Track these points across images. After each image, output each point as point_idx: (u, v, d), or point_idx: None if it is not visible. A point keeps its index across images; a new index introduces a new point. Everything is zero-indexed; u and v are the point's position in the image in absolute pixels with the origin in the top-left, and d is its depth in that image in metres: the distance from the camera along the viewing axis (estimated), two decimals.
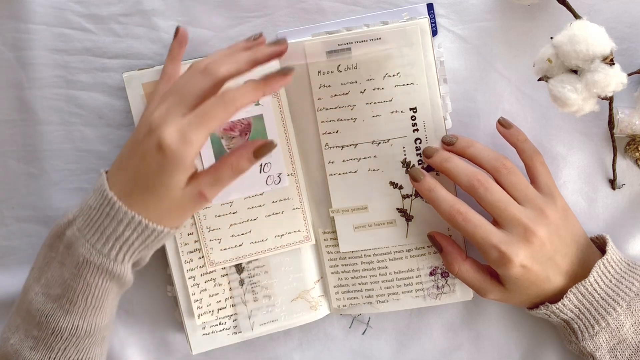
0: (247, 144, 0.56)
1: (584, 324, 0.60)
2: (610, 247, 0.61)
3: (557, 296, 0.61)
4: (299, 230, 0.67)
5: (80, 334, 0.57)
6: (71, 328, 0.57)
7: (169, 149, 0.52)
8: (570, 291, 0.59)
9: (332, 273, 0.68)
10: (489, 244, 0.58)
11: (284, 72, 0.55)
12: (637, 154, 0.64)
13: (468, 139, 0.62)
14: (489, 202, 0.59)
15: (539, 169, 0.61)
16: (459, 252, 0.63)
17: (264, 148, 0.56)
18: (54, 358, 0.57)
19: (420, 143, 0.64)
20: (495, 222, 0.60)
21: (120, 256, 0.57)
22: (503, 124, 0.62)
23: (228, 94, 0.53)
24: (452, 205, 0.60)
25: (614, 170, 0.65)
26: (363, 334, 0.70)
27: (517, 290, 0.60)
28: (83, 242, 0.56)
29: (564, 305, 0.60)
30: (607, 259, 0.60)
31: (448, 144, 0.63)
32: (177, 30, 0.61)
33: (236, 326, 0.68)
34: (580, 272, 0.60)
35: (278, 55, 0.56)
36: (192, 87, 0.53)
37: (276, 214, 0.67)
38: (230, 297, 0.67)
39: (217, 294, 0.67)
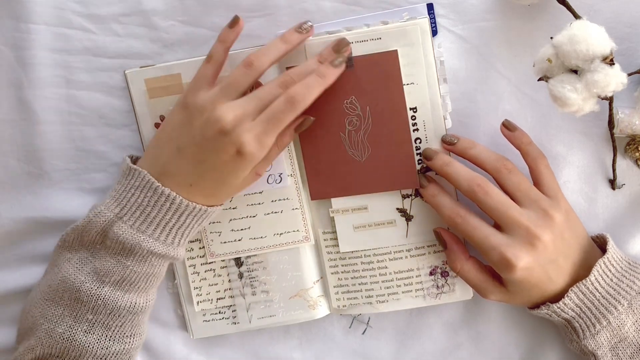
0: (290, 123, 0.59)
1: (585, 323, 0.61)
2: (611, 246, 0.61)
3: (558, 296, 0.61)
4: (297, 230, 0.67)
5: (137, 310, 0.61)
6: (129, 306, 0.61)
7: (250, 154, 0.57)
8: (571, 290, 0.59)
9: (332, 273, 0.68)
10: (489, 246, 0.58)
11: (339, 63, 0.60)
12: (637, 154, 0.64)
13: (469, 140, 0.62)
14: (490, 206, 0.59)
15: (544, 171, 0.61)
16: (463, 250, 0.63)
17: (304, 123, 0.62)
18: (111, 335, 0.61)
19: (420, 143, 0.64)
20: (498, 227, 0.60)
21: (183, 240, 0.62)
22: (507, 127, 0.62)
23: (294, 95, 0.57)
24: (453, 209, 0.60)
25: (614, 170, 0.65)
26: (363, 333, 0.70)
27: (519, 291, 0.60)
28: (145, 238, 0.60)
29: (565, 304, 0.60)
30: (607, 258, 0.60)
31: (449, 143, 0.63)
32: (236, 19, 0.62)
33: (235, 317, 0.69)
34: (582, 272, 0.61)
35: (306, 39, 0.63)
36: (240, 79, 0.59)
37: (275, 212, 0.67)
38: (229, 289, 0.68)
39: (216, 284, 0.68)
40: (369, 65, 0.62)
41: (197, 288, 0.68)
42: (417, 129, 0.64)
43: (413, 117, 0.63)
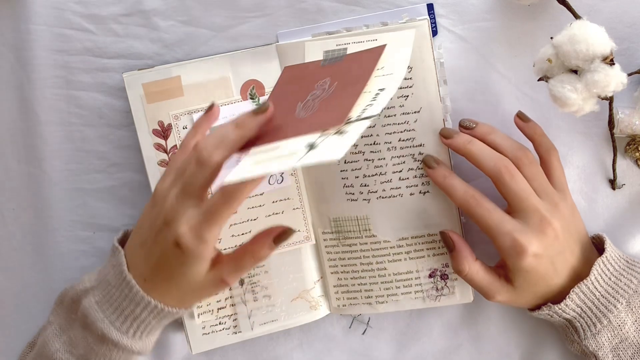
0: (266, 232, 0.57)
1: (586, 323, 0.60)
2: (609, 245, 0.61)
3: (558, 296, 0.61)
4: (299, 230, 0.67)
5: None
6: None
7: (186, 248, 0.53)
8: (572, 291, 0.59)
9: (331, 273, 0.68)
10: (503, 231, 0.58)
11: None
12: (637, 154, 0.64)
13: (489, 125, 0.62)
14: (513, 189, 0.58)
15: (555, 164, 0.61)
16: (471, 252, 0.62)
17: (284, 235, 0.57)
18: None
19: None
20: (509, 212, 0.59)
21: (138, 334, 0.58)
22: (521, 118, 0.62)
23: (228, 191, 0.52)
24: (467, 190, 0.60)
25: (614, 170, 0.65)
26: (363, 334, 0.70)
27: (526, 287, 0.60)
28: (102, 318, 0.57)
29: (566, 305, 0.60)
30: (606, 257, 0.60)
31: (467, 127, 0.62)
32: (211, 106, 0.60)
33: (236, 326, 0.68)
34: (582, 271, 0.60)
35: (266, 121, 0.55)
36: (192, 178, 0.53)
37: (276, 214, 0.67)
38: (230, 297, 0.67)
39: (217, 294, 0.67)
40: (356, 58, 0.61)
41: None
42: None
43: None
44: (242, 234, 0.66)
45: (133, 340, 0.58)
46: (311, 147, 0.54)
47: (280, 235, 0.57)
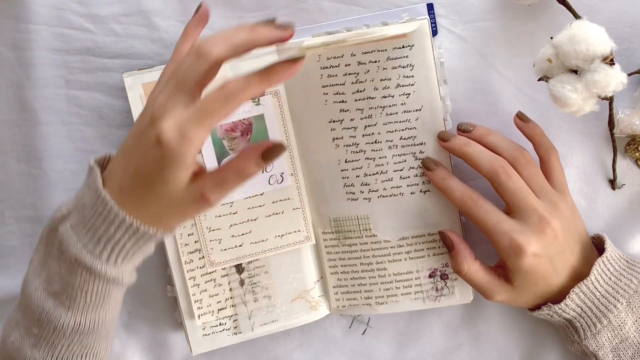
0: (255, 146, 0.50)
1: (587, 322, 0.60)
2: (609, 245, 0.61)
3: (558, 296, 0.61)
4: (299, 231, 0.67)
5: (83, 330, 0.55)
6: (73, 325, 0.54)
7: (167, 144, 0.48)
8: (572, 291, 0.59)
9: (331, 273, 0.68)
10: (501, 231, 0.58)
11: (291, 61, 0.48)
12: (637, 154, 0.64)
13: (486, 127, 0.62)
14: (510, 189, 0.59)
15: (555, 164, 0.61)
16: (470, 252, 0.62)
17: (274, 150, 0.50)
18: (57, 355, 0.55)
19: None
20: (508, 212, 0.60)
21: (113, 258, 0.53)
22: (521, 118, 0.62)
23: (228, 87, 0.47)
24: (465, 192, 0.60)
25: (614, 170, 0.65)
26: (363, 334, 0.70)
27: (525, 287, 0.60)
28: (75, 242, 0.52)
29: (566, 305, 0.60)
30: (606, 257, 0.60)
31: (465, 131, 0.62)
32: (199, 6, 0.56)
33: (236, 327, 0.68)
34: (582, 271, 0.60)
35: (281, 40, 0.50)
36: (188, 71, 0.48)
37: (276, 214, 0.67)
38: (231, 298, 0.67)
39: (217, 295, 0.67)
40: None
41: (197, 301, 0.67)
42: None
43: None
44: (242, 234, 0.66)
45: (107, 265, 0.53)
46: None
47: (270, 150, 0.50)
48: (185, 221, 0.56)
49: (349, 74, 0.64)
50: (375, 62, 0.63)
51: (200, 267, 0.66)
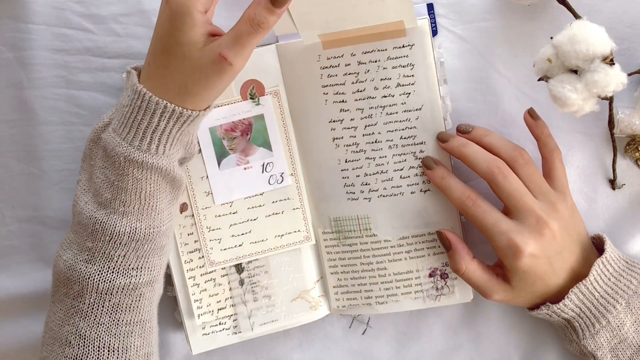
0: None
1: (585, 323, 0.60)
2: (609, 246, 0.61)
3: (557, 296, 0.61)
4: (299, 230, 0.67)
5: (139, 236, 0.55)
6: (129, 231, 0.55)
7: (173, 1, 0.50)
8: (571, 291, 0.59)
9: (331, 273, 0.68)
10: (499, 231, 0.58)
11: None
12: (637, 154, 0.64)
13: (484, 128, 0.62)
14: (506, 190, 0.59)
15: (557, 165, 0.61)
16: (468, 251, 0.62)
17: None
18: (114, 267, 0.55)
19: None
20: (506, 212, 0.60)
21: (161, 148, 0.55)
22: (532, 115, 0.62)
23: None
24: (463, 191, 0.60)
25: (614, 170, 0.65)
26: (363, 334, 0.70)
27: (523, 286, 0.60)
28: (120, 142, 0.54)
29: (565, 305, 0.60)
30: (606, 257, 0.60)
31: (464, 132, 0.63)
32: None
33: (236, 326, 0.68)
34: (581, 271, 0.61)
35: None
36: None
37: (276, 214, 0.67)
38: (230, 297, 0.67)
39: (217, 294, 0.67)
40: None
41: (197, 300, 0.67)
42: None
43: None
44: (242, 234, 0.66)
45: (157, 157, 0.54)
46: None
47: None
48: (214, 92, 0.55)
49: (349, 74, 0.64)
50: (376, 61, 0.63)
51: (200, 267, 0.66)
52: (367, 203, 0.66)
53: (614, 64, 0.55)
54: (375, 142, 0.65)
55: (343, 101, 0.64)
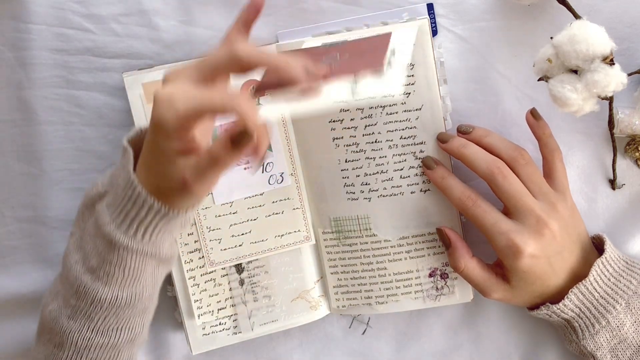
0: (227, 130, 0.49)
1: (585, 323, 0.61)
2: (609, 246, 0.61)
3: (557, 296, 0.61)
4: (299, 230, 0.67)
5: (120, 304, 0.56)
6: (111, 298, 0.55)
7: (157, 105, 0.48)
8: (571, 291, 0.59)
9: (331, 273, 0.68)
10: (499, 231, 0.58)
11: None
12: (637, 154, 0.64)
13: (484, 129, 0.62)
14: (506, 190, 0.59)
15: (558, 165, 0.61)
16: (467, 249, 0.63)
17: (241, 137, 0.47)
18: (94, 327, 0.56)
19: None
20: (506, 213, 0.60)
21: (147, 236, 0.55)
22: (534, 115, 0.62)
23: (240, 100, 0.47)
24: (463, 191, 0.60)
25: (614, 170, 0.65)
26: (363, 334, 0.70)
27: (523, 286, 0.60)
28: (109, 221, 0.54)
29: (565, 305, 0.60)
30: (605, 257, 0.60)
31: (464, 132, 0.63)
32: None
33: (236, 326, 0.68)
34: (581, 271, 0.61)
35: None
36: (214, 58, 0.49)
37: (276, 214, 0.67)
38: (230, 297, 0.67)
39: (217, 294, 0.67)
40: (360, 43, 0.60)
41: (197, 301, 0.67)
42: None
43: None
44: (242, 234, 0.66)
45: (142, 243, 0.55)
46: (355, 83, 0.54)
47: (237, 136, 0.48)
48: (186, 205, 0.54)
49: None
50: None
51: (200, 267, 0.66)
52: (367, 203, 0.66)
53: (614, 64, 0.55)
54: (375, 142, 0.65)
55: (343, 101, 0.64)
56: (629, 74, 0.58)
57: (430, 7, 0.63)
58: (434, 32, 0.64)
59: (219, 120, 0.63)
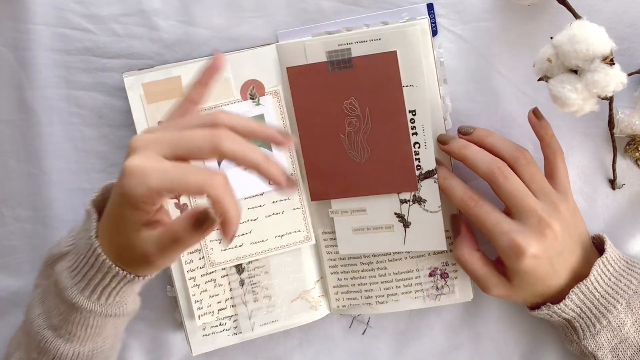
0: (191, 210, 0.48)
1: (585, 323, 0.60)
2: (609, 246, 0.61)
3: (558, 296, 0.61)
4: (299, 231, 0.67)
5: (81, 357, 0.57)
6: (72, 354, 0.56)
7: (125, 174, 0.47)
8: (572, 291, 0.59)
9: (331, 273, 0.68)
10: (501, 231, 0.58)
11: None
12: (637, 154, 0.64)
13: (485, 129, 0.62)
14: (507, 190, 0.58)
15: (559, 165, 0.61)
16: (474, 241, 0.62)
17: (202, 219, 0.47)
18: None
19: (419, 147, 0.64)
20: (508, 213, 0.60)
21: (110, 300, 0.55)
22: (536, 115, 0.62)
23: (215, 181, 0.47)
24: (465, 192, 0.60)
25: (614, 170, 0.65)
26: (363, 334, 0.70)
27: (523, 285, 0.60)
28: (70, 285, 0.54)
29: (566, 305, 0.60)
30: (606, 257, 0.60)
31: (465, 133, 0.62)
32: (216, 57, 0.55)
33: (236, 327, 0.68)
34: (582, 271, 0.60)
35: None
36: (191, 141, 0.48)
37: (276, 214, 0.67)
38: (231, 298, 0.67)
39: (217, 295, 0.67)
40: (368, 65, 0.62)
41: (197, 301, 0.67)
42: (415, 133, 0.63)
43: (412, 121, 0.63)
44: (242, 234, 0.66)
45: (105, 306, 0.55)
46: (403, 221, 0.64)
47: (199, 217, 0.47)
48: (146, 271, 0.54)
49: None
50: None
51: (200, 267, 0.66)
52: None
53: (614, 64, 0.55)
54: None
55: None
56: (629, 74, 0.58)
57: (430, 7, 0.63)
58: (434, 32, 0.64)
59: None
